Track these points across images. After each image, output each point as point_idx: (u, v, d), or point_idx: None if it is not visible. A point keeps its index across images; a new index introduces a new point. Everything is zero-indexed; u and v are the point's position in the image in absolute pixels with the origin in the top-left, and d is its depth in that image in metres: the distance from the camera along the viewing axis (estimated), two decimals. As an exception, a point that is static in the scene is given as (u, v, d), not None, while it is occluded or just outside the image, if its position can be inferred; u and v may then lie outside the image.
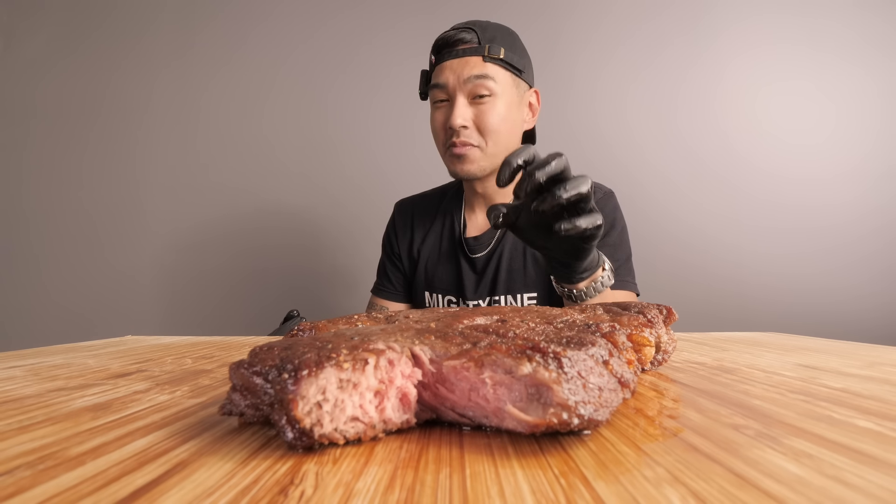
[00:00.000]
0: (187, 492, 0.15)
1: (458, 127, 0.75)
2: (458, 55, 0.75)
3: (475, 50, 0.75)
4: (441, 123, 0.79)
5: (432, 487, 0.15)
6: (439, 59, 0.77)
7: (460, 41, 0.76)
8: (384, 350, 0.20)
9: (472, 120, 0.76)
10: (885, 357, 0.39)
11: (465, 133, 0.76)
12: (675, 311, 0.36)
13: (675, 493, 0.14)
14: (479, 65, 0.75)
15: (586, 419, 0.18)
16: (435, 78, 0.78)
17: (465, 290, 0.85)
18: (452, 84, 0.76)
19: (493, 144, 0.77)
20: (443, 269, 0.88)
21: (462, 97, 0.75)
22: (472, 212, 0.89)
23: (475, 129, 0.77)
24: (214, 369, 0.38)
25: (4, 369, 0.38)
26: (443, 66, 0.77)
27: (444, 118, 0.78)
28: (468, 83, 0.75)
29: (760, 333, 0.64)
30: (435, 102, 0.79)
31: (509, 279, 0.83)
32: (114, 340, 0.61)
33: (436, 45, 0.79)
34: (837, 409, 0.23)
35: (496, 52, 0.75)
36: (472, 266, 0.85)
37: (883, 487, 0.14)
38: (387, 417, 0.20)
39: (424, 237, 0.91)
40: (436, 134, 0.81)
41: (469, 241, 0.86)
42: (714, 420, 0.21)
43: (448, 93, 0.77)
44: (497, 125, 0.76)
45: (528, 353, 0.19)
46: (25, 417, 0.24)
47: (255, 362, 0.20)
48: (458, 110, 0.75)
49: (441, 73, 0.77)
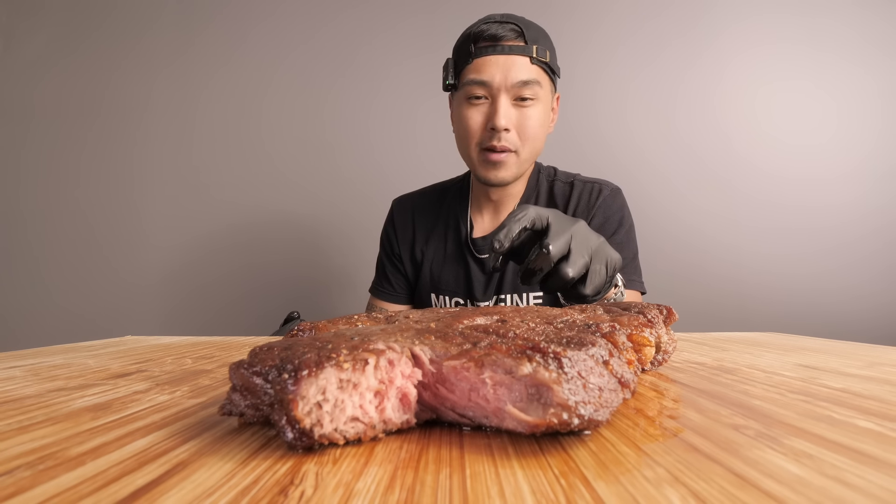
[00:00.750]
0: (187, 492, 0.15)
1: (502, 129, 0.71)
2: (503, 52, 0.70)
3: (522, 49, 0.71)
4: (478, 122, 0.73)
5: (432, 487, 0.15)
6: (480, 51, 0.71)
7: (505, 37, 0.71)
8: (384, 350, 0.20)
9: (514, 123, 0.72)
10: (885, 357, 0.39)
11: (506, 136, 0.72)
12: (675, 311, 0.36)
13: (675, 493, 0.14)
14: (526, 67, 0.71)
15: (586, 419, 0.18)
16: (475, 72, 0.72)
17: (475, 291, 0.83)
18: (498, 83, 0.71)
19: (529, 151, 0.75)
20: (449, 270, 0.86)
21: (506, 97, 0.71)
22: (478, 212, 0.86)
23: (516, 132, 0.73)
24: (214, 369, 0.37)
25: (4, 369, 0.38)
26: (486, 61, 0.71)
27: (482, 117, 0.73)
28: (515, 86, 0.70)
29: (760, 333, 0.64)
30: (470, 98, 0.73)
31: (515, 279, 0.81)
32: (114, 340, 0.61)
33: (475, 34, 0.73)
34: (837, 409, 0.23)
35: (543, 55, 0.72)
36: (481, 267, 0.83)
37: (883, 487, 0.14)
38: (387, 417, 0.20)
39: (427, 238, 0.89)
40: (467, 132, 0.75)
41: (477, 242, 0.84)
42: (714, 420, 0.21)
43: (489, 91, 0.72)
44: (536, 131, 0.73)
45: (529, 353, 0.19)
46: (25, 417, 0.24)
47: (255, 362, 0.20)
48: (503, 111, 0.71)
49: (484, 69, 0.71)
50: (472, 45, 0.72)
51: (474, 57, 0.72)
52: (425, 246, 0.89)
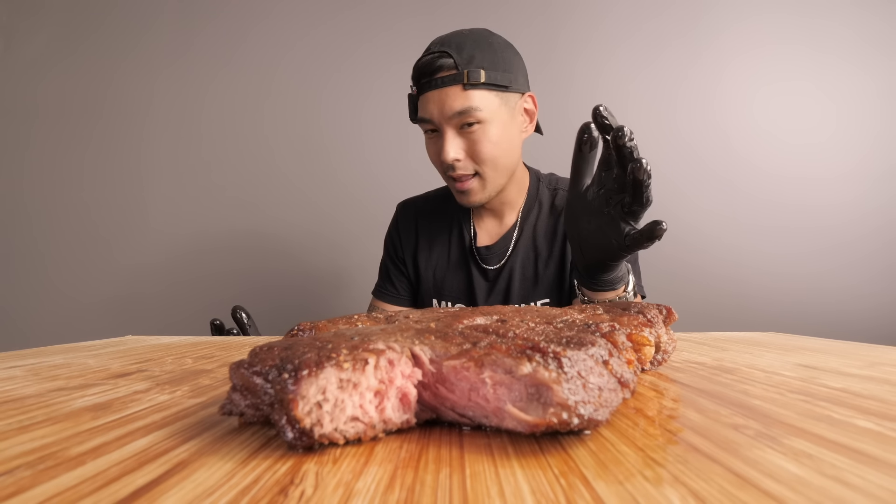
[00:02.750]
0: (187, 492, 0.15)
1: (451, 161, 0.73)
2: (437, 85, 0.71)
3: (454, 78, 0.70)
4: (435, 154, 0.77)
5: (432, 487, 0.15)
6: (420, 89, 0.74)
7: (438, 69, 0.71)
8: (384, 350, 0.20)
9: (464, 151, 0.73)
10: (885, 357, 0.39)
11: (459, 166, 0.74)
12: (674, 311, 0.36)
13: (675, 493, 0.14)
14: (460, 96, 0.70)
15: (586, 419, 0.18)
16: (420, 110, 0.75)
17: (477, 299, 0.83)
18: (437, 118, 0.73)
19: (492, 170, 0.75)
20: (452, 277, 0.86)
21: (451, 129, 0.73)
22: (480, 220, 0.87)
23: (469, 159, 0.74)
24: (214, 369, 0.37)
25: (4, 369, 0.38)
26: (426, 98, 0.73)
27: (436, 149, 0.76)
28: (453, 118, 0.71)
29: (760, 333, 0.64)
30: (425, 132, 0.77)
31: (523, 287, 0.82)
32: (114, 340, 0.61)
33: (414, 73, 0.74)
34: (837, 409, 0.23)
35: (476, 79, 0.71)
36: (484, 275, 0.84)
37: (883, 487, 0.14)
38: (387, 417, 0.20)
39: (431, 243, 0.89)
40: (434, 162, 0.79)
41: (481, 251, 0.84)
42: (714, 420, 0.21)
43: (435, 125, 0.74)
44: (490, 151, 0.74)
45: (528, 352, 0.19)
46: (25, 417, 0.24)
47: (256, 362, 0.20)
48: (448, 145, 0.73)
49: (425, 106, 0.74)
50: (416, 84, 0.75)
51: (418, 95, 0.75)
52: (429, 251, 0.89)
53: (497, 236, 0.85)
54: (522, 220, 0.84)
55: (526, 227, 0.84)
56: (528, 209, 0.85)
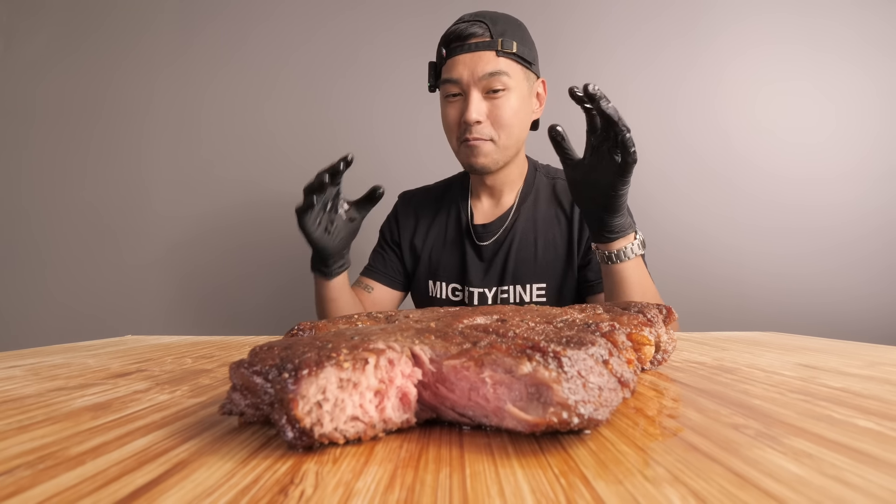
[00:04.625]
0: (187, 491, 0.15)
1: (474, 122, 0.76)
2: (470, 49, 0.75)
3: (487, 44, 0.75)
4: (455, 118, 0.79)
5: (432, 487, 0.15)
6: (450, 52, 0.77)
7: (472, 35, 0.76)
8: (384, 350, 0.20)
9: (486, 114, 0.77)
10: (885, 357, 0.39)
11: (478, 128, 0.77)
12: (674, 311, 0.36)
13: (675, 493, 0.14)
14: (492, 60, 0.75)
15: (586, 418, 0.18)
16: (447, 72, 0.78)
17: (470, 277, 0.84)
18: (466, 79, 0.75)
19: (507, 137, 0.78)
20: (448, 256, 0.88)
21: (476, 92, 0.76)
22: (478, 200, 0.89)
23: (489, 123, 0.77)
24: (214, 369, 0.37)
25: (4, 369, 0.38)
26: (455, 61, 0.76)
27: (457, 113, 0.78)
28: (483, 79, 0.75)
29: (760, 333, 0.64)
30: (447, 96, 0.79)
31: (517, 269, 0.83)
32: (114, 340, 0.61)
33: (446, 37, 0.78)
34: (837, 408, 0.23)
35: (509, 47, 0.75)
36: (478, 253, 0.85)
37: (883, 487, 0.14)
38: (387, 417, 0.20)
39: (428, 228, 0.91)
40: (448, 128, 0.81)
41: (477, 228, 0.86)
42: (714, 420, 0.21)
43: (462, 88, 0.77)
44: (510, 119, 0.77)
45: (528, 352, 0.19)
46: (25, 417, 0.24)
47: (256, 362, 0.20)
48: (474, 105, 0.75)
49: (454, 68, 0.77)
50: (445, 48, 0.78)
51: (447, 58, 0.78)
52: (426, 235, 0.91)
53: (494, 215, 0.87)
54: (520, 203, 0.87)
55: (523, 210, 0.86)
56: (526, 194, 0.87)
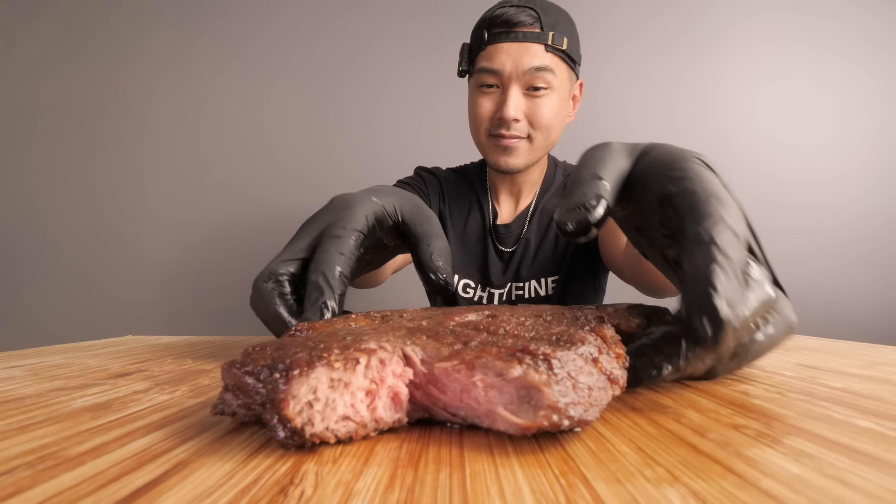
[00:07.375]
0: (187, 492, 0.15)
1: (511, 119, 0.69)
2: (517, 38, 0.68)
3: (537, 36, 0.68)
4: (488, 111, 0.72)
5: (432, 487, 0.15)
6: (493, 38, 0.69)
7: (520, 23, 0.68)
8: (375, 350, 0.20)
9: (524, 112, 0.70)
10: (885, 357, 0.39)
11: (516, 126, 0.70)
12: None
13: (675, 493, 0.14)
14: (540, 54, 0.68)
15: (576, 420, 0.18)
16: (486, 60, 0.70)
17: (492, 276, 0.82)
18: (509, 72, 0.68)
19: (543, 139, 0.73)
20: (468, 253, 0.84)
21: (517, 87, 0.69)
22: (497, 200, 0.85)
23: (526, 121, 0.71)
24: (214, 369, 0.37)
25: (4, 369, 0.38)
26: (498, 48, 0.69)
27: (492, 106, 0.71)
28: (527, 74, 0.68)
29: (760, 333, 0.64)
30: (481, 86, 0.72)
31: (534, 264, 0.80)
32: (114, 340, 0.61)
33: (490, 20, 0.70)
34: (837, 409, 0.23)
35: (559, 42, 0.69)
36: (499, 254, 0.83)
37: (883, 487, 0.14)
38: (378, 417, 0.20)
39: (450, 212, 0.85)
40: (477, 119, 0.73)
41: (499, 230, 0.82)
42: (714, 420, 0.21)
43: (501, 80, 0.70)
44: (550, 121, 0.71)
45: (518, 355, 0.19)
46: (25, 417, 0.24)
47: (247, 362, 0.20)
48: (512, 101, 0.69)
49: (495, 56, 0.69)
50: (486, 32, 0.70)
51: (487, 44, 0.70)
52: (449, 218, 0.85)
53: (512, 215, 0.84)
54: (538, 200, 0.83)
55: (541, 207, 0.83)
56: (545, 191, 0.84)
